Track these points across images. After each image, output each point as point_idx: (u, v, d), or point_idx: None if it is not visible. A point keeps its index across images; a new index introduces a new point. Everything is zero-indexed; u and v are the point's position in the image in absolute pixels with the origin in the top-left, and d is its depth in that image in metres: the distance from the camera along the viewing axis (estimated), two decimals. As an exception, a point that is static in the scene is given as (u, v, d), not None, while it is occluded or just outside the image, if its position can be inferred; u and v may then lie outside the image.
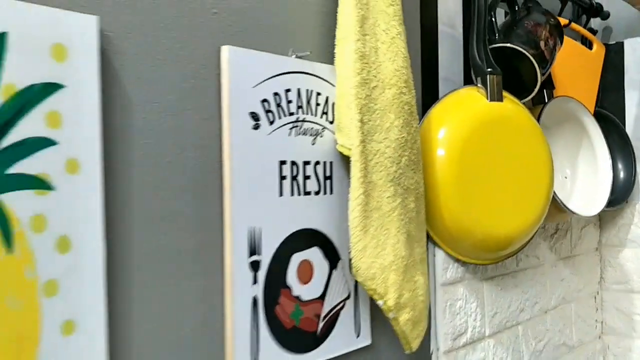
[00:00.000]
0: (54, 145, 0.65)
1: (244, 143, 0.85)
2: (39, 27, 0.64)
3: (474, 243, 1.22)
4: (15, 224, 0.62)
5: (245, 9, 0.87)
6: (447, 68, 1.26)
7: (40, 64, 0.64)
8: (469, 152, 1.16)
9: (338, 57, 0.96)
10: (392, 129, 0.97)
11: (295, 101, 0.92)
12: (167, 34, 0.77)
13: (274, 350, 0.89)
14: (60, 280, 0.66)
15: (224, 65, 0.83)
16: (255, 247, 0.86)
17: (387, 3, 0.98)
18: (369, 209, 0.93)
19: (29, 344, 0.63)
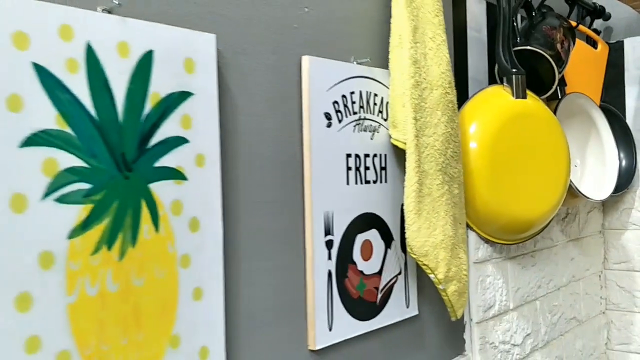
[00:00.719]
0: (186, 143, 0.79)
1: (320, 139, 0.99)
2: (175, 44, 0.77)
3: (501, 225, 1.37)
4: (160, 208, 0.76)
5: (318, 23, 1.01)
6: (475, 68, 1.40)
7: (176, 76, 0.78)
8: (498, 144, 1.31)
9: (392, 63, 1.10)
10: (440, 124, 1.11)
11: (357, 102, 1.06)
12: (261, 47, 0.91)
13: (344, 316, 1.03)
14: (192, 254, 0.79)
15: (305, 72, 0.97)
16: (329, 229, 1.01)
17: (433, 14, 1.12)
18: (422, 195, 1.07)
19: (171, 306, 0.77)
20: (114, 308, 0.71)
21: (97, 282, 0.69)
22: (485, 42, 1.45)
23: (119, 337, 0.71)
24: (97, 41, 0.69)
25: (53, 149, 0.65)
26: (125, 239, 0.72)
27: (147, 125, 0.74)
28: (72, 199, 0.67)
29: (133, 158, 0.73)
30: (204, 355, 0.80)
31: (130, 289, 0.72)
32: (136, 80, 0.73)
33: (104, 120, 0.70)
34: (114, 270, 0.71)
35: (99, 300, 0.69)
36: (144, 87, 0.74)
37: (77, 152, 0.67)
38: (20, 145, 0.63)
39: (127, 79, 0.72)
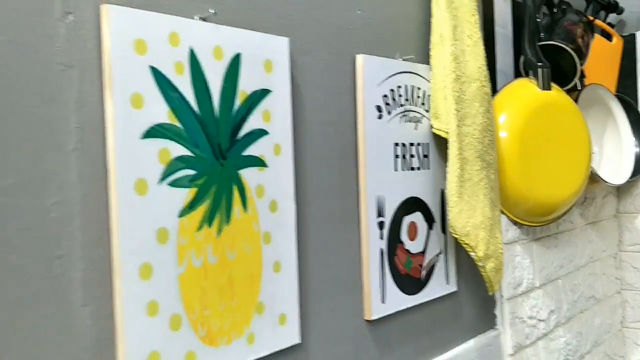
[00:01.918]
0: (267, 134, 0.89)
1: (372, 130, 1.09)
2: (257, 47, 0.88)
3: (528, 208, 1.47)
4: (248, 191, 0.86)
5: (369, 24, 1.11)
6: (502, 62, 1.50)
7: (259, 75, 0.88)
8: (526, 133, 1.41)
9: (434, 59, 1.20)
10: (478, 115, 1.21)
11: (403, 95, 1.16)
12: (321, 48, 1.01)
13: (394, 290, 1.14)
14: (272, 232, 0.90)
15: (359, 69, 1.07)
16: (381, 211, 1.11)
17: (469, 14, 1.23)
18: (463, 180, 1.18)
19: (256, 277, 0.88)
20: (214, 278, 0.81)
21: (201, 255, 0.80)
22: (510, 37, 1.54)
23: (217, 303, 0.82)
24: (198, 46, 0.80)
25: (166, 140, 0.76)
26: (221, 218, 0.82)
27: (237, 119, 0.85)
28: (181, 183, 0.77)
29: (226, 148, 0.83)
30: (283, 320, 0.91)
31: (226, 262, 0.83)
32: (228, 80, 0.83)
33: (204, 114, 0.80)
34: (213, 245, 0.81)
35: (202, 271, 0.80)
36: (234, 85, 0.84)
37: (185, 143, 0.78)
38: (142, 137, 0.73)
39: (221, 79, 0.83)
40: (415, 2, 1.22)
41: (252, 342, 0.86)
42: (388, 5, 1.16)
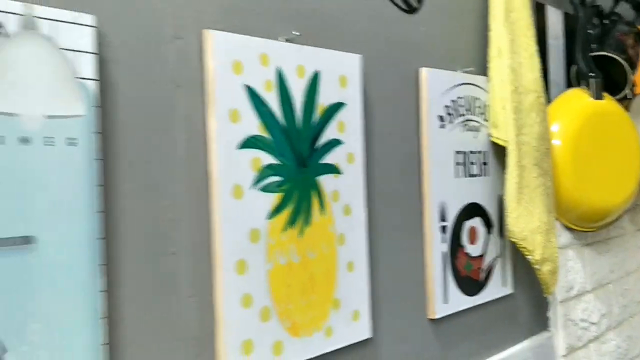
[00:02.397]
0: (341, 144, 0.97)
1: (434, 138, 1.16)
2: (333, 65, 0.96)
3: (581, 214, 1.52)
4: (325, 196, 0.94)
5: (431, 40, 1.18)
6: (555, 72, 1.56)
7: (335, 90, 0.96)
8: (578, 142, 1.46)
9: (492, 71, 1.26)
10: (534, 124, 1.27)
11: (464, 105, 1.23)
12: (388, 62, 1.09)
13: (455, 291, 1.20)
14: (346, 234, 0.98)
15: (423, 82, 1.15)
16: (444, 216, 1.18)
17: (526, 27, 1.29)
18: (522, 186, 1.24)
19: (332, 275, 0.95)
20: (297, 275, 0.89)
21: (286, 254, 0.88)
22: (563, 48, 1.60)
23: (300, 298, 0.90)
24: (284, 65, 0.88)
25: (258, 150, 0.84)
26: (303, 221, 0.90)
27: (316, 130, 0.93)
28: (270, 188, 0.86)
29: (307, 156, 0.91)
30: (356, 317, 0.99)
31: (307, 261, 0.91)
32: (309, 95, 0.92)
33: (289, 126, 0.89)
34: (296, 245, 0.89)
35: (287, 269, 0.88)
36: (314, 100, 0.92)
37: (273, 152, 0.86)
38: (238, 148, 0.82)
39: (303, 94, 0.91)
40: (474, 17, 1.29)
41: (330, 335, 0.94)
42: (448, 21, 1.23)
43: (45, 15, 0.63)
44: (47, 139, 0.63)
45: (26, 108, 0.62)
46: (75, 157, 0.65)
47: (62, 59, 0.64)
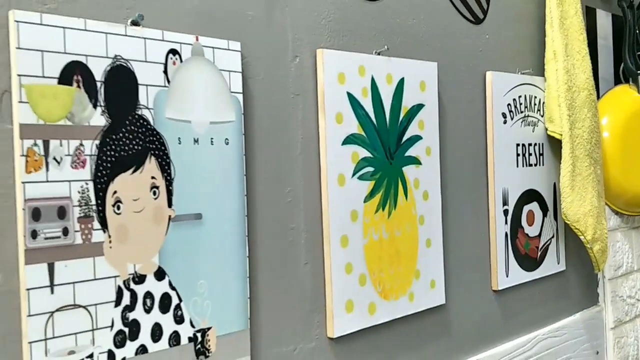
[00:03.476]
0: (421, 139, 1.15)
1: (499, 133, 1.33)
2: (415, 72, 1.13)
3: (628, 199, 1.67)
4: (408, 183, 1.12)
5: (495, 46, 1.35)
6: (604, 70, 1.70)
7: (416, 93, 1.14)
8: (626, 134, 1.60)
9: (548, 72, 1.42)
10: (586, 119, 1.42)
11: (523, 103, 1.39)
12: (459, 67, 1.26)
13: (515, 267, 1.37)
14: (425, 215, 1.15)
15: (488, 84, 1.31)
16: (506, 200, 1.35)
17: (579, 32, 1.44)
18: (575, 174, 1.39)
19: (414, 250, 1.13)
20: (387, 249, 1.08)
21: (378, 232, 1.06)
22: (611, 48, 1.74)
23: (388, 268, 1.08)
24: (376, 75, 1.06)
25: (356, 146, 1.03)
26: (391, 204, 1.09)
27: (401, 128, 1.11)
28: (365, 177, 1.04)
29: (394, 150, 1.09)
30: (433, 285, 1.17)
31: (394, 238, 1.09)
32: (395, 99, 1.10)
33: (379, 125, 1.07)
34: (385, 224, 1.08)
35: (379, 244, 1.06)
36: (399, 103, 1.10)
37: (367, 147, 1.04)
38: (342, 144, 1.00)
39: (391, 98, 1.09)
40: (531, 24, 1.44)
41: (412, 299, 1.12)
42: (509, 28, 1.39)
43: (207, 44, 0.83)
44: (210, 140, 0.82)
45: (196, 116, 0.81)
46: (229, 154, 0.85)
47: (220, 77, 0.84)
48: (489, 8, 1.33)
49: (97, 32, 0.71)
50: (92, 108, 0.71)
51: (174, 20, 0.80)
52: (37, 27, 0.66)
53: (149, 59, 0.76)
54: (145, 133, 0.76)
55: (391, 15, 1.12)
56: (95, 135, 0.71)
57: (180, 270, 0.80)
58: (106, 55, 0.72)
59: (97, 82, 0.71)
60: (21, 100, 0.65)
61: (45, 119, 0.67)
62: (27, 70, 0.66)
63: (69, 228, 0.69)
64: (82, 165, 0.70)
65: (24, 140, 0.65)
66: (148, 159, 0.76)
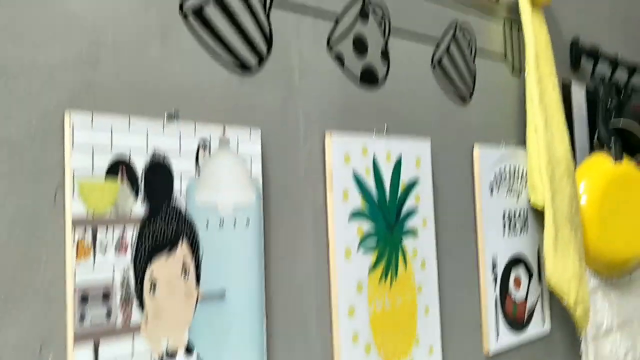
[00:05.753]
0: (417, 212, 1.23)
1: (486, 203, 1.42)
2: (411, 149, 1.22)
3: (607, 262, 1.76)
4: (407, 254, 1.20)
5: (482, 121, 1.45)
6: (580, 139, 1.81)
7: (412, 169, 1.22)
8: (603, 199, 1.71)
9: (530, 145, 1.52)
10: (566, 188, 1.53)
11: (508, 174, 1.49)
12: (448, 143, 1.35)
13: (505, 331, 1.44)
14: (422, 284, 1.23)
15: (476, 157, 1.41)
16: (495, 267, 1.43)
17: (557, 107, 1.55)
18: (557, 241, 1.48)
19: (414, 318, 1.20)
20: (389, 317, 1.14)
21: (381, 301, 1.13)
22: (585, 117, 1.86)
23: (391, 335, 1.14)
24: (377, 153, 1.15)
25: (361, 220, 1.10)
26: (392, 274, 1.16)
27: (399, 202, 1.19)
28: (369, 249, 1.11)
29: (393, 223, 1.17)
30: (431, 350, 1.23)
31: (396, 306, 1.16)
32: (394, 175, 1.18)
33: (380, 201, 1.14)
34: (388, 293, 1.14)
35: (382, 312, 1.13)
36: (398, 178, 1.19)
37: (370, 221, 1.12)
38: (348, 220, 1.08)
39: (390, 175, 1.17)
40: (513, 101, 1.56)
41: (413, 365, 1.18)
42: (493, 105, 1.50)
43: (232, 134, 0.90)
44: (234, 221, 0.89)
45: (222, 200, 0.88)
46: (249, 234, 0.91)
47: (242, 164, 0.91)
48: (475, 88, 1.44)
49: (139, 129, 0.78)
50: (134, 199, 0.77)
51: (203, 111, 0.88)
52: (88, 127, 0.73)
53: (183, 152, 0.83)
54: (179, 219, 0.82)
55: (388, 98, 1.21)
56: (136, 223, 0.77)
57: (207, 345, 0.85)
58: (146, 150, 0.79)
59: (138, 175, 0.78)
60: (74, 195, 0.71)
61: (94, 211, 0.73)
62: (79, 166, 0.72)
63: (112, 311, 0.74)
64: (124, 252, 0.76)
65: (75, 231, 0.71)
66: (180, 243, 0.82)
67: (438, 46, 1.34)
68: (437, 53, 1.34)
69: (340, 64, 1.12)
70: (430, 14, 1.32)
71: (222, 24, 0.92)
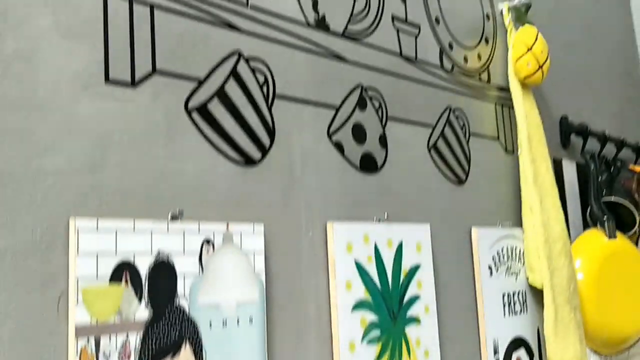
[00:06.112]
0: (419, 299, 1.21)
1: (486, 285, 1.40)
2: (412, 234, 1.21)
3: (605, 340, 1.74)
4: (410, 343, 1.17)
5: (478, 204, 1.45)
6: (573, 215, 1.82)
7: (413, 255, 1.21)
8: (599, 277, 1.70)
9: (526, 225, 1.52)
10: (563, 268, 1.52)
11: (506, 254, 1.48)
12: (447, 226, 1.35)
13: (509, 416, 1.40)
14: (426, 373, 1.20)
15: (474, 239, 1.40)
16: (496, 350, 1.40)
17: (551, 187, 1.56)
18: (557, 322, 1.46)
19: (418, 409, 1.16)
20: (394, 411, 1.11)
21: (386, 394, 1.10)
22: (577, 194, 1.87)
23: None
24: (379, 241, 1.14)
25: (364, 311, 1.08)
26: (396, 365, 1.13)
27: (402, 290, 1.17)
28: (373, 341, 1.09)
29: (396, 312, 1.15)
30: None
31: (400, 398, 1.12)
32: (396, 262, 1.17)
33: (383, 289, 1.13)
34: (392, 385, 1.11)
35: (387, 406, 1.09)
36: (400, 265, 1.17)
37: (373, 311, 1.10)
38: (351, 310, 1.06)
39: (392, 262, 1.16)
40: (508, 180, 1.57)
41: None
42: (488, 185, 1.50)
43: (236, 229, 0.89)
44: (237, 320, 0.87)
45: (225, 299, 0.86)
46: (253, 331, 0.89)
47: (246, 260, 0.90)
48: (470, 169, 1.45)
49: (144, 231, 0.77)
50: (138, 303, 0.75)
51: (207, 208, 0.87)
52: (94, 232, 0.72)
53: (186, 251, 0.82)
54: (182, 322, 0.80)
55: (388, 183, 1.21)
56: (139, 328, 0.75)
57: None
58: (150, 252, 0.77)
59: (142, 278, 0.76)
60: (77, 302, 0.69)
61: (98, 318, 0.71)
62: (83, 273, 0.70)
63: (114, 423, 0.71)
64: (127, 359, 0.73)
65: (78, 339, 0.69)
66: (184, 346, 0.80)
67: (433, 130, 1.36)
68: (433, 137, 1.35)
69: (341, 152, 1.12)
70: (424, 99, 1.34)
71: (226, 119, 0.92)
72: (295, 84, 1.05)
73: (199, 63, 0.89)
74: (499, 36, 1.61)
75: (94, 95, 0.76)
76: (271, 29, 1.01)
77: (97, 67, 0.77)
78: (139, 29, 0.82)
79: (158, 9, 0.84)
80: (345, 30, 1.16)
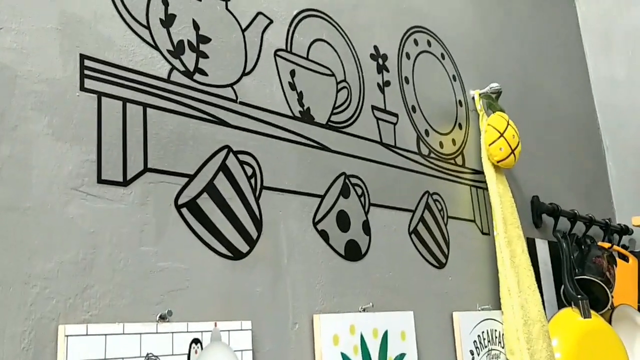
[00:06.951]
0: (405, 387, 1.19)
1: (468, 370, 1.39)
2: (396, 323, 1.21)
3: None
4: None
5: (457, 287, 1.46)
6: (547, 293, 1.84)
7: (398, 343, 1.20)
8: (576, 355, 1.71)
9: (505, 307, 1.53)
10: (543, 350, 1.52)
11: (487, 338, 1.48)
12: (430, 311, 1.34)
13: None
14: None
15: (456, 324, 1.40)
16: None
17: (527, 269, 1.58)
18: (540, 405, 1.45)
19: None
20: None
21: None
22: (551, 272, 1.89)
23: None
24: (364, 331, 1.12)
25: (351, 405, 1.06)
26: None
27: (387, 380, 1.15)
28: None
29: (382, 403, 1.13)
30: None
31: None
32: (382, 351, 1.15)
33: (370, 381, 1.11)
34: None
35: None
36: (385, 355, 1.16)
37: (361, 405, 1.08)
38: (338, 405, 1.03)
39: (377, 351, 1.14)
40: (485, 260, 1.58)
41: None
42: (468, 267, 1.51)
43: (224, 328, 0.87)
44: (226, 423, 0.84)
45: (214, 400, 0.84)
46: None
47: (234, 358, 0.88)
48: (449, 252, 1.46)
49: (133, 334, 0.75)
50: (127, 411, 0.72)
51: (195, 307, 0.86)
52: (83, 338, 0.70)
53: (175, 352, 0.80)
54: None
55: (372, 270, 1.21)
56: None
57: None
58: (139, 354, 0.75)
59: (132, 383, 0.74)
60: (66, 414, 0.66)
61: None
62: (72, 382, 0.68)
63: None
64: None
65: None
66: None
67: (413, 214, 1.37)
68: (413, 221, 1.37)
69: (326, 240, 1.12)
70: (404, 184, 1.36)
71: (215, 214, 0.92)
72: (281, 174, 1.06)
73: (189, 159, 0.90)
74: (471, 121, 1.66)
75: (85, 196, 0.75)
76: (259, 122, 1.02)
77: (89, 167, 0.76)
78: (132, 128, 0.82)
79: (150, 108, 0.85)
80: (329, 120, 1.18)
